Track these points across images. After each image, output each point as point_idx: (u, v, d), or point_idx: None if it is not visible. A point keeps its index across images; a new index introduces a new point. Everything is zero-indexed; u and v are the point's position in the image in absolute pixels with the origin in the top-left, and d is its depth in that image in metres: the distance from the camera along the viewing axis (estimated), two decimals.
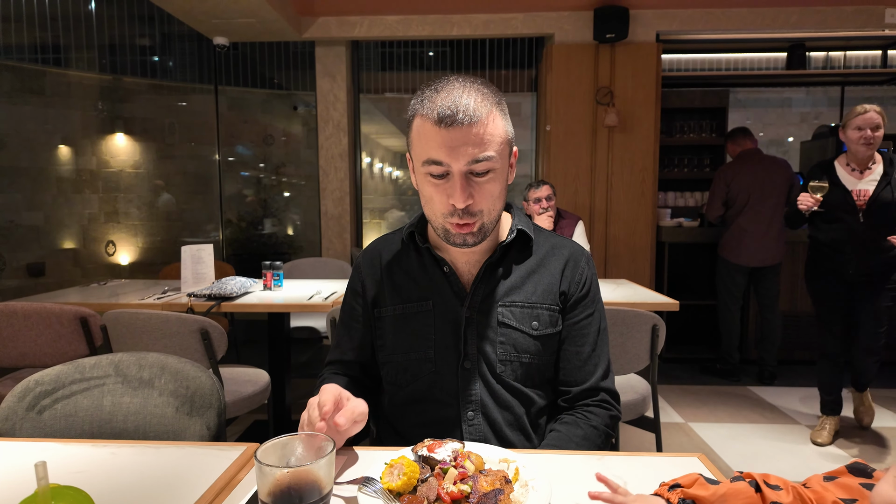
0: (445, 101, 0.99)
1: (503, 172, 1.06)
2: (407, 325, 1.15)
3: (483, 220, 1.06)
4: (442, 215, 1.05)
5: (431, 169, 1.02)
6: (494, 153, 1.01)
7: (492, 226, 1.08)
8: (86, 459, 0.96)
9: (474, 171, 1.01)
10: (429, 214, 1.09)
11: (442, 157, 0.99)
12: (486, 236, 1.08)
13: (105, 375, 1.32)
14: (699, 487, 0.70)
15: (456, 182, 1.00)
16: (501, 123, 1.04)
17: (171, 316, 1.88)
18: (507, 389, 1.11)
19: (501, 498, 0.78)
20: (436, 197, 1.05)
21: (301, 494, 0.68)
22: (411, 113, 1.06)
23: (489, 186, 1.03)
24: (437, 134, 0.99)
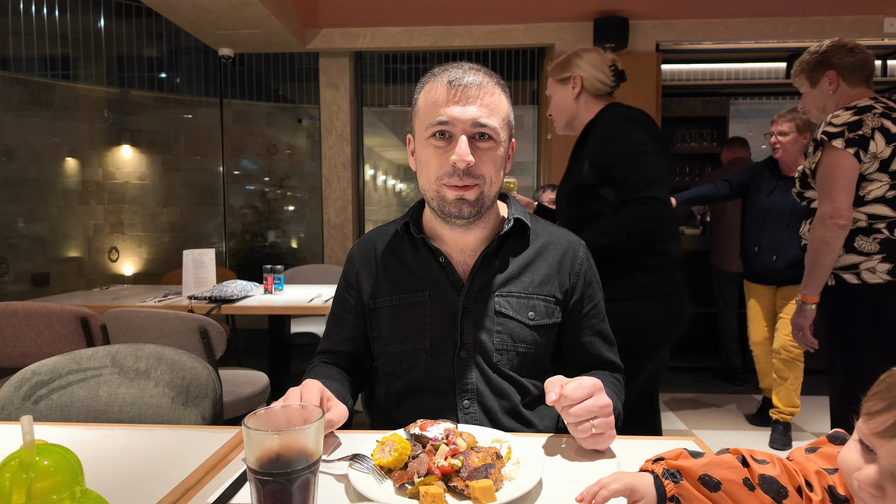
0: (456, 70, 1.05)
1: (503, 152, 1.09)
2: (403, 316, 1.15)
3: (482, 190, 1.07)
4: (438, 178, 1.06)
5: (436, 129, 1.04)
6: (497, 125, 1.05)
7: (489, 202, 1.09)
8: (78, 440, 0.96)
9: (478, 134, 1.04)
10: (424, 184, 1.10)
11: (448, 116, 1.03)
12: (482, 211, 1.09)
13: (101, 366, 1.32)
14: (683, 459, 0.69)
15: (459, 141, 1.03)
16: (505, 103, 1.09)
17: (170, 314, 1.88)
18: (503, 378, 1.11)
19: (492, 472, 0.77)
20: (434, 159, 1.06)
21: (289, 461, 0.67)
22: (419, 89, 1.11)
23: (491, 154, 1.06)
24: (447, 92, 1.04)
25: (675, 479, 0.67)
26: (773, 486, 0.63)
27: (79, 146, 5.36)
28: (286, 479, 0.66)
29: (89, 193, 5.36)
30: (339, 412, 0.94)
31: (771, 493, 0.63)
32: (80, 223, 5.33)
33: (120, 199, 5.47)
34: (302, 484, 0.67)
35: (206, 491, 0.78)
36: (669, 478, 0.67)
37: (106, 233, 5.41)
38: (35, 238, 5.15)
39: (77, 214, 5.33)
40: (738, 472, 0.66)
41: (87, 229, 5.35)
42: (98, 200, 5.41)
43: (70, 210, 5.32)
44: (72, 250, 5.30)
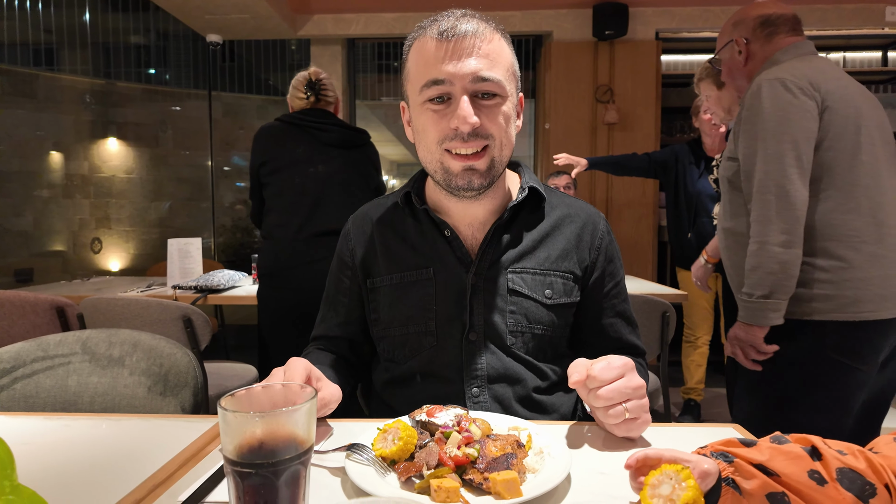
0: (447, 19, 0.91)
1: (511, 108, 0.95)
2: (404, 296, 1.03)
3: (493, 154, 0.93)
4: (439, 144, 0.93)
5: (431, 92, 0.90)
6: (501, 77, 0.91)
7: (501, 166, 0.96)
8: (34, 431, 0.84)
9: (480, 91, 0.90)
10: (425, 155, 0.97)
11: (443, 74, 0.89)
12: (494, 180, 0.96)
13: (71, 353, 1.20)
14: (734, 446, 0.60)
15: (459, 101, 0.89)
16: (507, 51, 0.94)
17: (151, 302, 1.76)
18: (518, 362, 0.99)
19: (514, 463, 0.66)
20: (432, 126, 0.93)
21: (274, 450, 0.56)
22: (407, 48, 0.97)
23: (497, 111, 0.92)
24: (439, 48, 0.89)
25: (728, 458, 0.58)
26: (857, 482, 0.53)
27: (63, 139, 5.20)
28: (271, 471, 0.55)
29: (74, 187, 5.20)
30: (331, 391, 0.82)
31: (854, 489, 0.53)
32: (64, 217, 5.16)
33: (106, 193, 5.31)
34: (290, 477, 0.56)
35: (177, 487, 0.67)
36: (721, 458, 0.58)
37: (91, 227, 5.26)
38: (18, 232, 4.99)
39: (62, 208, 5.17)
40: (803, 465, 0.55)
41: (71, 224, 5.19)
42: (83, 194, 5.25)
43: (55, 204, 5.16)
44: (56, 244, 5.14)
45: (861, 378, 1.33)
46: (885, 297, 1.32)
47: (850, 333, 1.32)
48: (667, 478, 0.54)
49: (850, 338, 1.32)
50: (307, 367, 0.82)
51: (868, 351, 1.33)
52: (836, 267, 1.33)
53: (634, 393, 0.77)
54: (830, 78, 1.39)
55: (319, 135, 2.04)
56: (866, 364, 1.33)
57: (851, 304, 1.31)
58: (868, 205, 1.35)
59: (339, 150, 2.04)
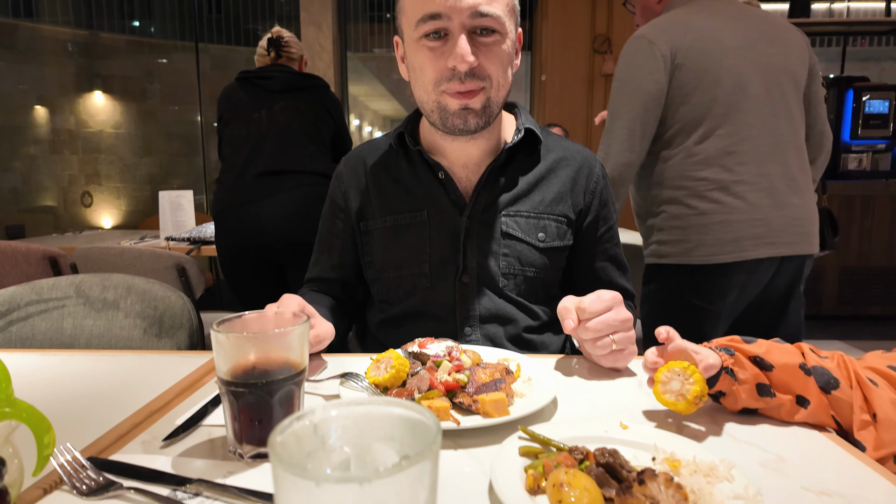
0: None
1: (510, 46, 0.92)
2: (398, 239, 1.03)
3: (489, 94, 0.91)
4: (435, 84, 0.90)
5: (427, 27, 0.87)
6: (501, 13, 0.88)
7: (497, 107, 0.95)
8: (32, 367, 0.85)
9: (479, 27, 0.87)
10: (421, 94, 0.95)
11: (441, 8, 0.85)
12: (490, 121, 0.95)
13: (65, 297, 1.20)
14: (737, 342, 0.68)
15: (457, 37, 0.86)
16: None
17: (144, 251, 1.76)
18: (509, 303, 1.00)
19: (503, 387, 0.68)
20: (429, 65, 0.90)
21: (267, 371, 0.57)
22: None
23: (496, 50, 0.89)
24: None
25: (730, 352, 0.66)
26: (824, 377, 0.64)
27: (48, 93, 5.07)
28: (265, 390, 0.56)
29: (62, 143, 5.11)
30: (325, 328, 0.84)
31: (821, 382, 0.64)
32: (53, 173, 5.09)
33: (94, 148, 5.22)
34: (284, 397, 0.57)
35: (174, 413, 0.68)
36: (724, 351, 0.66)
37: (81, 184, 5.20)
38: (7, 189, 4.93)
39: (50, 164, 5.09)
40: (796, 357, 0.65)
41: (61, 180, 5.12)
42: (71, 150, 5.16)
43: (43, 160, 5.07)
44: (46, 200, 5.09)
45: (712, 317, 1.45)
46: (724, 241, 1.39)
47: (698, 276, 1.43)
48: (675, 374, 0.62)
49: (698, 280, 1.43)
50: (300, 302, 0.83)
51: (714, 292, 1.43)
52: (685, 214, 1.42)
53: (622, 325, 0.79)
54: (697, 30, 1.42)
55: (265, 83, 2.07)
56: (713, 304, 1.44)
57: (695, 248, 1.41)
58: (720, 155, 1.39)
59: (283, 94, 2.07)
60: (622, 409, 0.70)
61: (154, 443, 0.60)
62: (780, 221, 1.39)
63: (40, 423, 0.46)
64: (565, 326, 0.78)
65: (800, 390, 0.64)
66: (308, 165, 2.01)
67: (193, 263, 1.76)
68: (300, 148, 2.02)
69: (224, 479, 0.53)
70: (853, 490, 0.51)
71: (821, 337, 3.42)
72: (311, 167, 2.01)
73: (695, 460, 0.52)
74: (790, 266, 1.44)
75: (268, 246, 1.93)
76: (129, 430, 0.63)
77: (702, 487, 0.47)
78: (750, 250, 1.38)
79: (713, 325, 1.46)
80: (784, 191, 1.40)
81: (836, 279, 3.81)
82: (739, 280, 1.42)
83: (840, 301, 3.83)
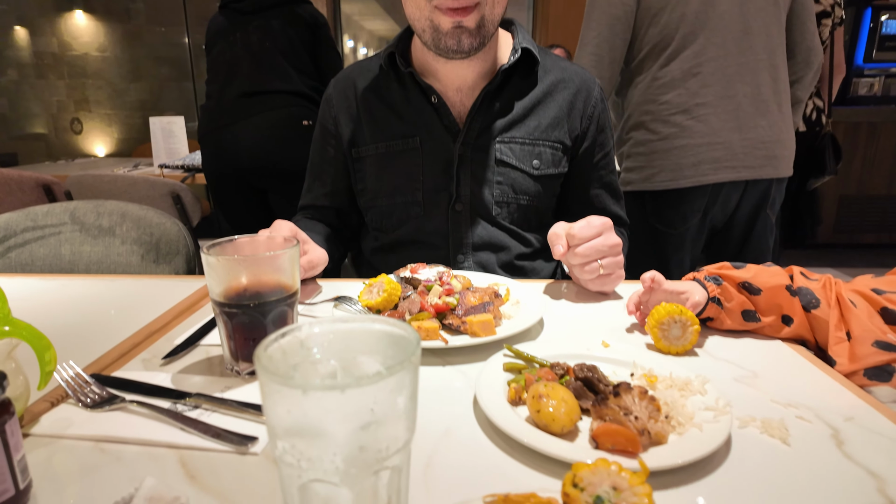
0: None
1: None
2: (391, 166, 1.01)
3: (484, 12, 0.88)
4: (428, 0, 0.87)
5: None
6: None
7: (493, 26, 0.91)
8: (32, 291, 0.87)
9: None
10: (413, 12, 0.91)
11: None
12: (486, 42, 0.91)
13: (60, 223, 1.21)
14: (726, 269, 0.70)
15: None
16: None
17: (138, 178, 1.74)
18: (502, 231, 1.01)
19: (491, 309, 0.70)
20: None
21: (259, 292, 0.58)
22: None
23: None
24: None
25: (718, 281, 0.68)
26: (807, 297, 0.67)
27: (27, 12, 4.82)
28: (258, 311, 0.58)
29: (46, 67, 4.92)
30: (318, 255, 0.85)
31: (803, 301, 0.67)
32: (40, 99, 4.95)
33: (81, 73, 5.04)
34: (277, 317, 0.59)
35: (173, 333, 0.71)
36: (712, 281, 0.68)
37: (70, 110, 5.05)
38: None
39: (36, 90, 4.93)
40: (783, 279, 0.67)
41: (49, 106, 4.98)
42: (57, 75, 4.98)
43: (28, 85, 4.91)
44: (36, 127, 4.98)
45: (675, 241, 1.47)
46: (683, 165, 1.38)
47: (660, 202, 1.44)
48: (674, 321, 0.64)
49: (661, 206, 1.45)
50: (292, 228, 0.83)
51: (675, 217, 1.44)
52: (648, 140, 1.42)
53: (610, 250, 0.80)
54: None
55: (239, 5, 2.01)
56: (676, 229, 1.46)
57: (657, 174, 1.41)
58: (685, 77, 1.36)
59: (255, 15, 1.99)
60: (606, 329, 0.72)
61: (154, 361, 0.63)
62: (742, 145, 1.37)
63: (40, 341, 0.47)
64: (555, 252, 0.79)
65: (786, 310, 0.67)
66: (284, 85, 1.96)
67: (188, 191, 1.76)
68: (275, 68, 1.96)
69: (221, 393, 0.56)
70: (819, 402, 0.54)
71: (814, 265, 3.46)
72: (288, 87, 1.96)
73: (671, 376, 0.54)
74: (756, 190, 1.43)
75: (245, 170, 1.92)
76: (130, 349, 0.66)
77: (675, 400, 0.49)
78: (710, 174, 1.38)
79: (677, 249, 1.48)
80: (751, 113, 1.37)
81: (835, 207, 3.80)
82: (700, 205, 1.42)
83: (836, 230, 3.84)
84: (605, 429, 0.44)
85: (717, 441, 0.44)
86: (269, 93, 1.93)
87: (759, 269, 0.69)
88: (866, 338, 0.60)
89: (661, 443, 0.45)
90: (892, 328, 0.60)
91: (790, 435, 0.49)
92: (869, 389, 0.58)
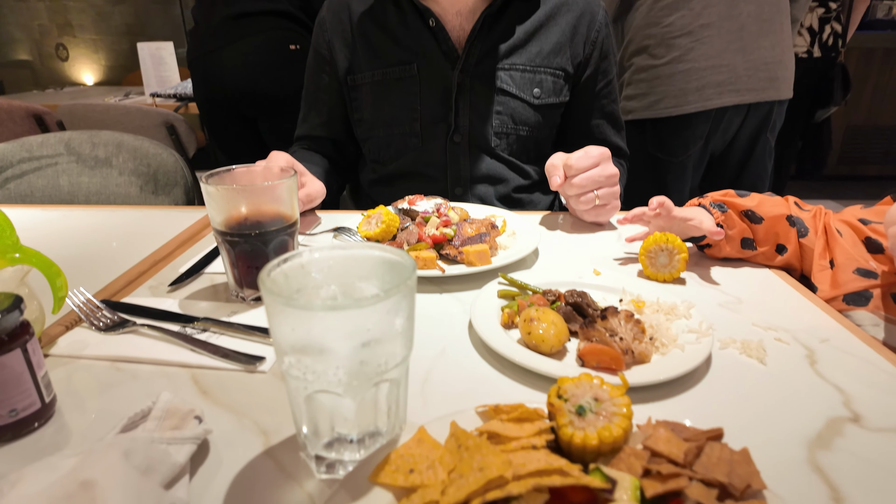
0: None
1: None
2: (388, 95, 0.99)
3: None
4: None
5: None
6: None
7: None
8: (34, 221, 0.88)
9: None
10: None
11: None
12: None
13: (56, 154, 1.20)
14: (731, 196, 0.71)
15: None
16: None
17: (131, 108, 1.71)
18: (501, 163, 1.00)
19: (487, 240, 0.71)
20: None
21: (260, 222, 0.60)
22: None
23: None
24: None
25: (723, 209, 0.69)
26: (798, 224, 0.70)
27: None
28: (260, 240, 0.59)
29: None
30: (315, 187, 0.85)
31: (796, 228, 0.70)
32: (21, 24, 4.74)
33: None
34: (278, 246, 0.61)
35: (178, 262, 0.73)
36: (717, 208, 0.70)
37: (54, 35, 4.85)
38: None
39: (16, 14, 4.71)
40: (785, 208, 0.69)
41: (31, 31, 4.78)
42: None
43: (7, 9, 4.68)
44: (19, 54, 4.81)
45: (675, 170, 1.46)
46: (687, 91, 1.36)
47: (662, 130, 1.42)
48: (661, 249, 0.65)
49: (663, 134, 1.43)
50: (288, 159, 0.83)
51: (678, 144, 1.43)
52: (650, 66, 1.39)
53: (607, 181, 0.80)
54: None
55: None
56: (678, 157, 1.44)
57: (659, 101, 1.39)
58: None
59: None
60: (599, 258, 0.74)
61: (161, 288, 0.65)
62: (746, 67, 1.34)
63: (50, 267, 0.49)
64: (552, 183, 0.80)
65: (782, 239, 0.69)
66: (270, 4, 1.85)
67: (182, 121, 1.73)
68: None
69: (228, 317, 0.58)
70: (798, 325, 0.57)
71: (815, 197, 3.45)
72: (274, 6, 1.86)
73: (658, 301, 0.57)
74: (758, 114, 1.41)
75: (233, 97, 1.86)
76: (136, 277, 0.68)
77: (660, 323, 0.52)
78: (714, 99, 1.35)
79: (677, 179, 1.48)
80: (754, 33, 1.34)
81: (840, 138, 3.74)
82: (703, 131, 1.41)
83: (840, 161, 3.80)
84: (590, 348, 0.47)
85: (697, 360, 0.47)
86: (254, 14, 1.83)
87: (762, 198, 0.70)
88: (848, 265, 0.62)
89: (645, 362, 0.48)
90: (873, 257, 0.61)
91: (767, 355, 0.51)
92: (847, 314, 0.61)
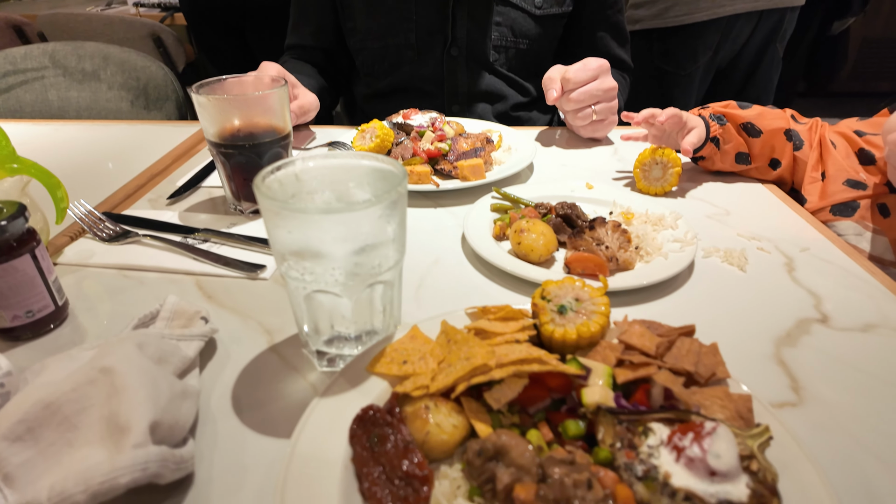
0: None
1: None
2: (382, 4, 0.95)
3: None
4: None
5: None
6: None
7: None
8: (25, 135, 0.88)
9: None
10: None
11: None
12: None
13: (41, 67, 1.17)
14: (732, 108, 0.70)
15: None
16: None
17: (114, 18, 1.64)
18: (500, 78, 0.98)
19: (482, 154, 0.71)
20: None
21: (253, 133, 0.60)
22: None
23: None
24: None
25: (721, 121, 0.69)
26: (794, 138, 0.69)
27: None
28: (254, 151, 0.60)
29: None
30: (308, 99, 0.84)
31: (793, 142, 0.69)
32: None
33: None
34: (272, 158, 0.61)
35: (175, 175, 0.73)
36: (716, 120, 0.69)
37: None
38: None
39: None
40: (784, 122, 0.69)
41: None
42: None
43: None
44: None
45: (682, 83, 1.42)
46: None
47: (671, 40, 1.37)
48: (655, 163, 0.66)
49: (672, 45, 1.38)
50: (280, 70, 0.81)
51: (685, 55, 1.38)
52: None
53: (605, 95, 0.79)
54: None
55: None
56: (686, 69, 1.40)
57: (669, 8, 1.33)
58: None
59: None
60: (593, 173, 0.75)
61: (160, 201, 0.66)
62: None
63: (49, 178, 0.50)
64: (548, 97, 0.78)
65: (777, 154, 0.69)
66: None
67: (169, 33, 1.66)
68: None
69: (228, 229, 0.60)
70: (781, 235, 0.58)
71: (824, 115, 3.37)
72: None
73: (647, 213, 0.58)
74: (769, 21, 1.35)
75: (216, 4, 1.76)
76: (135, 190, 0.69)
77: (647, 233, 0.53)
78: (727, 5, 1.29)
79: (684, 92, 1.44)
80: None
81: (854, 52, 3.59)
82: (713, 41, 1.36)
83: (851, 76, 3.67)
84: (576, 256, 0.48)
85: (679, 267, 0.49)
86: None
87: (763, 110, 0.70)
88: (839, 176, 0.62)
89: (629, 269, 0.50)
90: (864, 168, 0.62)
91: (748, 263, 0.53)
92: (831, 225, 0.62)
